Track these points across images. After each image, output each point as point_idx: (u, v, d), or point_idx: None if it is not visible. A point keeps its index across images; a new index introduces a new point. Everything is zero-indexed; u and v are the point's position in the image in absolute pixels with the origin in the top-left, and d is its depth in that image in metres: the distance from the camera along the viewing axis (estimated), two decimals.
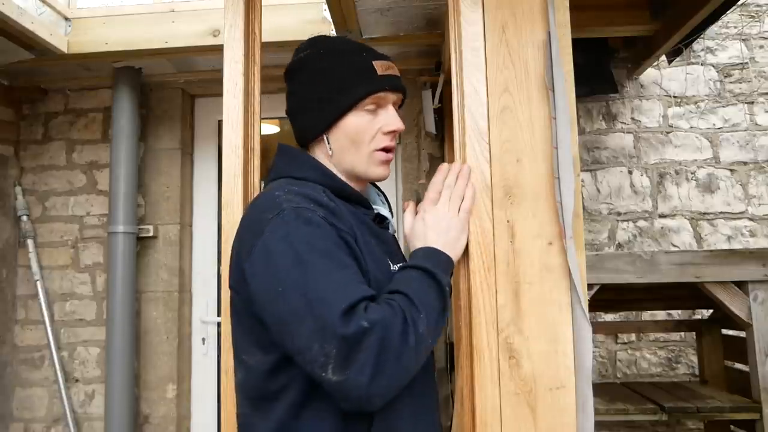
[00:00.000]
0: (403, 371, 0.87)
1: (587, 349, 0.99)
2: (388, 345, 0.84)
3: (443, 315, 0.96)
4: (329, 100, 1.05)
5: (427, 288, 0.94)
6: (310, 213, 0.93)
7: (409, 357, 0.86)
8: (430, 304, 0.93)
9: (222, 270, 1.16)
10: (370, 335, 0.83)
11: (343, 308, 0.84)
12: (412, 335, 0.87)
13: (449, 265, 1.01)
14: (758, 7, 2.92)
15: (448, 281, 0.98)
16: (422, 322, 0.89)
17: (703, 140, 2.89)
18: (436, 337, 0.94)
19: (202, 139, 3.08)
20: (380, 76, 1.05)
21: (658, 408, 2.09)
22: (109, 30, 2.62)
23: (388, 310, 0.87)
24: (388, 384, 0.85)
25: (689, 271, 2.07)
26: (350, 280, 0.89)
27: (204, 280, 2.97)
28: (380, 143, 1.06)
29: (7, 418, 2.85)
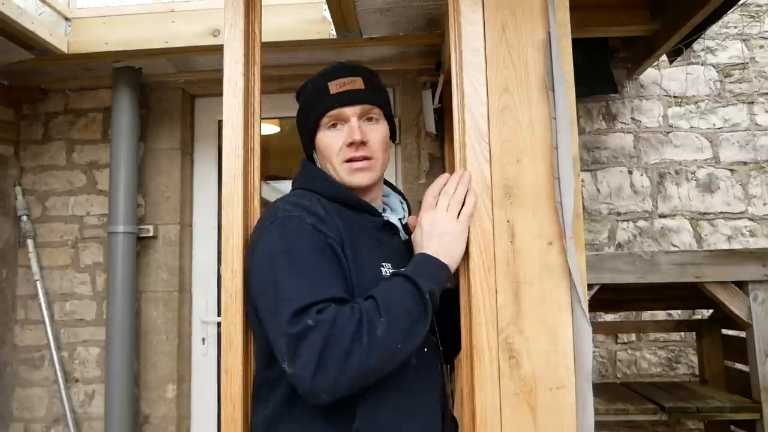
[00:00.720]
0: (352, 370, 0.91)
1: (587, 349, 0.99)
2: (333, 343, 0.91)
3: (420, 320, 0.98)
4: (303, 127, 1.21)
5: (402, 294, 0.98)
6: (298, 221, 1.04)
7: (360, 357, 0.91)
8: (401, 309, 0.97)
9: (222, 270, 1.16)
10: (313, 333, 0.91)
11: (296, 308, 0.94)
12: (365, 336, 0.92)
13: (441, 270, 1.02)
14: (758, 7, 2.92)
15: (431, 287, 1.00)
16: (382, 325, 0.93)
17: (703, 140, 2.89)
18: (408, 341, 0.98)
19: (202, 139, 3.08)
20: (333, 95, 1.15)
21: (658, 408, 2.09)
22: (109, 30, 2.62)
23: (344, 312, 0.94)
24: (334, 381, 0.91)
25: (689, 271, 2.07)
26: (316, 282, 0.98)
27: (204, 280, 2.97)
28: (345, 156, 1.15)
29: (7, 418, 2.85)
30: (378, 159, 1.16)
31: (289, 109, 3.19)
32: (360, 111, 1.16)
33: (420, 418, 1.08)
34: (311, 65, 2.81)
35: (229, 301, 1.13)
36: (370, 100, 1.17)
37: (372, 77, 1.22)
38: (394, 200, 1.29)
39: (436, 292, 1.01)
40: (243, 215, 1.17)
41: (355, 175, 1.15)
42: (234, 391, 1.11)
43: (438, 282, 1.01)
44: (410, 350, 1.00)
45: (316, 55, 2.72)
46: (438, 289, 1.01)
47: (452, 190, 1.05)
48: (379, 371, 0.96)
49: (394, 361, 0.98)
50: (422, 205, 1.09)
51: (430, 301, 0.99)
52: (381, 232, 1.17)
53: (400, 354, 0.98)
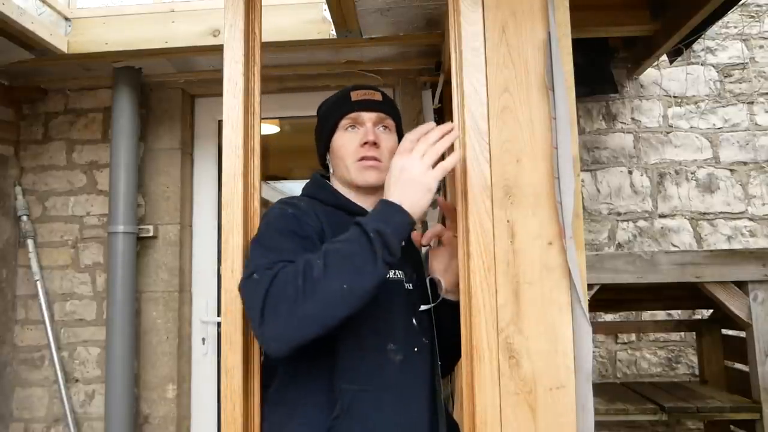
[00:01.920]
0: (294, 315, 0.95)
1: (587, 349, 0.99)
2: (273, 292, 0.96)
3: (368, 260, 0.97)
4: (322, 130, 1.31)
5: (347, 237, 1.00)
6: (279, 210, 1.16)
7: (299, 300, 0.94)
8: (342, 250, 0.98)
9: (222, 270, 1.16)
10: (257, 286, 0.98)
11: (250, 270, 1.04)
12: (301, 280, 0.95)
13: (395, 214, 1.00)
14: (758, 7, 2.92)
15: (379, 227, 0.98)
16: (317, 267, 0.95)
17: (703, 140, 2.89)
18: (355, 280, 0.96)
19: (202, 139, 3.08)
20: (353, 101, 1.26)
21: (658, 408, 2.09)
22: (109, 30, 2.62)
23: (287, 266, 0.99)
24: (281, 328, 0.96)
25: (689, 271, 2.07)
26: (271, 252, 1.05)
27: (204, 280, 2.97)
28: (359, 154, 1.23)
29: (7, 418, 2.85)
30: (386, 164, 1.20)
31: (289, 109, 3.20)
32: (376, 118, 1.26)
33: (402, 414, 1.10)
34: (311, 65, 2.81)
35: (229, 301, 1.13)
36: (386, 110, 1.28)
37: (389, 97, 1.33)
38: None
39: (387, 233, 0.98)
40: (243, 215, 1.17)
41: (365, 172, 1.22)
42: (234, 391, 1.11)
43: (392, 223, 0.99)
44: (363, 292, 0.98)
45: (316, 55, 2.72)
46: (392, 231, 0.98)
47: (434, 140, 1.04)
48: (327, 315, 0.96)
49: (341, 302, 0.96)
50: (398, 149, 1.08)
51: (378, 240, 0.97)
52: None
53: (350, 296, 0.96)
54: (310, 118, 1.36)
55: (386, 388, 1.10)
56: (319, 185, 1.29)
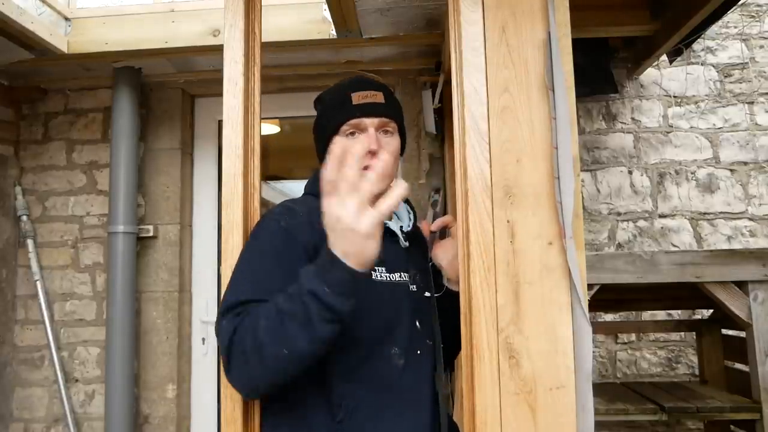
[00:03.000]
0: (245, 373, 1.00)
1: (587, 349, 0.99)
2: (234, 344, 0.99)
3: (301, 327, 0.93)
4: (321, 132, 1.26)
5: (289, 297, 0.96)
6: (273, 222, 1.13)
7: (247, 361, 0.98)
8: (284, 312, 0.95)
9: (222, 270, 1.16)
10: (224, 334, 1.01)
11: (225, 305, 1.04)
12: (249, 340, 0.97)
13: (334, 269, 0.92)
14: (758, 7, 2.92)
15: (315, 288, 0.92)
16: (261, 329, 0.96)
17: (703, 140, 2.89)
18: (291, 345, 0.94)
19: (202, 139, 3.08)
20: (354, 105, 1.21)
21: (658, 408, 2.09)
22: (109, 30, 2.62)
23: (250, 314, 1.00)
24: (239, 378, 1.02)
25: (689, 271, 2.07)
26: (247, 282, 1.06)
27: (204, 280, 2.97)
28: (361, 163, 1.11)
29: (7, 418, 2.85)
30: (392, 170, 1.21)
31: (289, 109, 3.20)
32: (378, 123, 1.22)
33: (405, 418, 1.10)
34: (311, 65, 2.81)
35: None
36: (389, 114, 1.24)
37: (391, 94, 1.29)
38: (400, 208, 1.33)
39: (324, 293, 0.91)
40: (243, 215, 1.17)
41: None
42: (234, 391, 1.11)
43: (327, 280, 0.92)
44: (303, 353, 0.96)
45: (316, 55, 2.72)
46: (331, 290, 0.92)
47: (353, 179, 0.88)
48: (268, 376, 1.00)
49: (281, 365, 0.97)
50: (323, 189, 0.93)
51: (313, 302, 0.92)
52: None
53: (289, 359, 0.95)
54: (310, 118, 1.34)
55: (389, 392, 1.10)
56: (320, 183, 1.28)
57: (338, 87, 1.28)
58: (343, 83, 1.28)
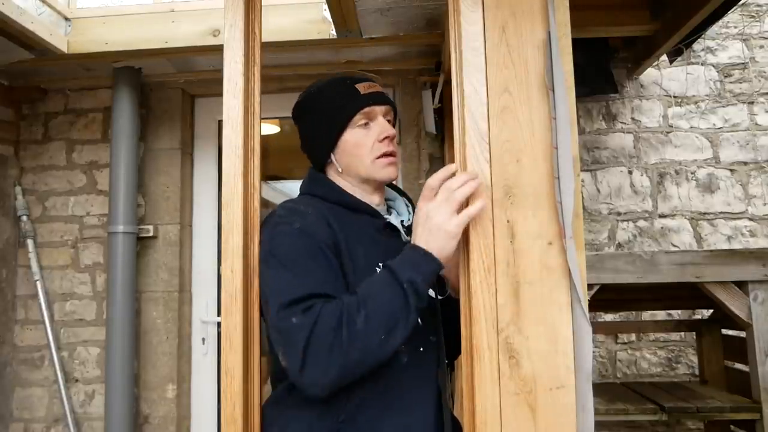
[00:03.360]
0: (336, 365, 0.97)
1: (587, 349, 0.99)
2: (314, 341, 0.97)
3: (404, 311, 1.00)
4: (328, 128, 1.23)
5: (382, 285, 1.02)
6: (285, 226, 1.12)
7: (341, 352, 0.97)
8: (380, 301, 1.00)
9: (222, 270, 1.16)
10: (298, 332, 0.98)
11: (283, 303, 1.02)
12: (344, 331, 0.97)
13: (426, 261, 1.02)
14: (758, 7, 2.92)
15: (412, 277, 1.01)
16: (360, 318, 0.98)
17: (703, 140, 2.89)
18: (392, 332, 1.00)
19: (202, 139, 3.08)
20: (363, 94, 1.21)
21: (658, 408, 2.09)
22: (109, 30, 2.62)
23: (326, 309, 0.99)
24: (320, 375, 0.98)
25: (689, 271, 2.07)
26: (301, 280, 1.05)
27: (204, 280, 2.97)
28: (379, 150, 1.20)
29: (7, 418, 2.85)
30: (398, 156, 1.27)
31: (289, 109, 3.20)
32: (385, 110, 1.24)
33: (408, 415, 1.11)
34: (311, 65, 2.81)
35: (229, 301, 1.13)
36: (391, 102, 1.26)
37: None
38: (400, 204, 1.33)
39: (418, 282, 1.01)
40: (243, 215, 1.17)
41: (388, 168, 1.21)
42: (234, 391, 1.11)
43: (422, 272, 1.02)
44: (397, 341, 1.01)
45: (316, 55, 2.72)
46: (422, 279, 1.01)
47: (456, 187, 1.01)
48: (366, 363, 1.00)
49: (380, 352, 1.00)
50: (422, 193, 1.07)
51: (411, 290, 1.00)
52: (381, 233, 1.21)
53: (386, 345, 1.00)
54: None
55: (393, 388, 1.11)
56: (319, 182, 1.26)
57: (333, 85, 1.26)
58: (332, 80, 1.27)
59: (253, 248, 1.17)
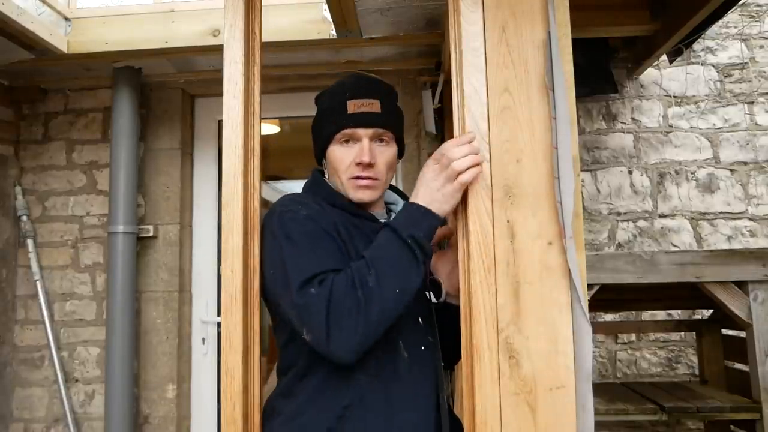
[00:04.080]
0: (359, 324, 1.01)
1: (587, 349, 0.99)
2: (334, 307, 1.01)
3: (412, 264, 1.05)
4: (318, 136, 1.28)
5: (387, 244, 1.06)
6: (292, 213, 1.15)
7: (360, 311, 1.00)
8: (387, 258, 1.05)
9: (222, 270, 1.16)
10: (317, 302, 1.02)
11: (301, 280, 1.05)
12: (359, 290, 1.01)
13: (425, 217, 1.06)
14: (758, 7, 2.92)
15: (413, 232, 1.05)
16: (372, 277, 1.02)
17: (703, 140, 2.89)
18: (404, 284, 1.05)
19: (202, 139, 3.08)
20: (349, 114, 1.21)
21: (658, 408, 2.09)
22: (109, 30, 2.62)
23: (339, 277, 1.03)
24: (347, 339, 1.01)
25: (689, 271, 2.07)
26: (315, 257, 1.08)
27: (204, 280, 2.97)
28: (352, 173, 1.21)
29: (7, 418, 2.85)
30: (382, 179, 1.23)
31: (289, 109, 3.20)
32: (372, 133, 1.22)
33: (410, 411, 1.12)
34: (311, 65, 2.81)
35: (229, 301, 1.13)
36: (384, 124, 1.23)
37: (390, 98, 1.27)
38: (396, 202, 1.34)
39: (420, 236, 1.05)
40: (243, 215, 1.17)
41: (358, 192, 1.22)
42: (234, 391, 1.11)
43: (423, 227, 1.06)
44: (412, 292, 1.05)
45: (316, 55, 2.72)
46: (424, 234, 1.06)
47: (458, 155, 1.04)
48: (386, 317, 1.03)
49: (397, 305, 1.04)
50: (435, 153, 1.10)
51: (416, 245, 1.04)
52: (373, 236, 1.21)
53: (402, 297, 1.04)
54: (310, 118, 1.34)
55: (397, 381, 1.12)
56: (320, 184, 1.28)
57: (337, 90, 1.27)
58: (343, 85, 1.27)
59: (253, 248, 1.17)
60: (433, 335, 1.21)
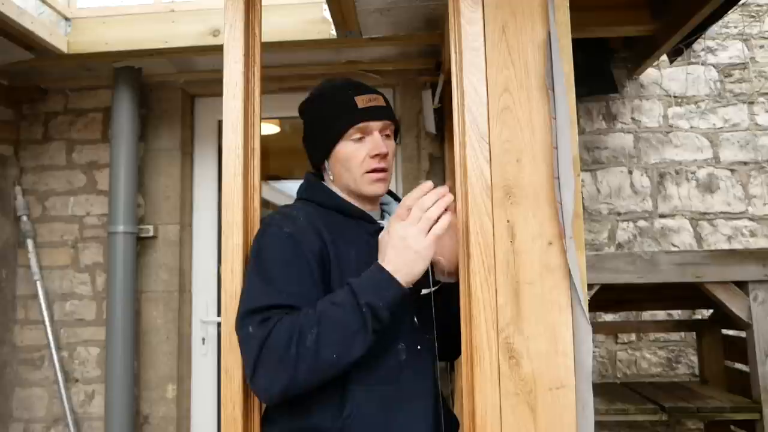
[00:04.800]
0: (282, 379, 1.00)
1: (587, 349, 0.99)
2: (265, 353, 1.00)
3: (359, 332, 1.01)
4: (323, 136, 1.24)
5: (342, 304, 1.03)
6: (276, 229, 1.13)
7: (287, 367, 0.99)
8: (336, 320, 1.02)
9: (222, 270, 1.16)
10: (251, 341, 1.02)
11: (245, 309, 1.06)
12: (293, 347, 0.99)
13: (389, 285, 1.03)
14: (758, 7, 2.92)
15: (372, 301, 1.01)
16: (311, 336, 1.00)
17: (704, 140, 2.89)
18: (344, 352, 1.01)
19: (202, 139, 3.08)
20: (361, 109, 1.21)
21: (658, 408, 2.09)
22: (109, 30, 2.62)
23: (282, 323, 1.02)
24: (267, 386, 1.02)
25: (689, 271, 2.07)
26: (271, 288, 1.07)
27: (204, 280, 2.97)
28: (369, 166, 1.21)
29: (7, 418, 2.85)
30: (391, 171, 1.26)
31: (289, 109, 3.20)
32: (382, 126, 1.23)
33: (408, 412, 1.12)
34: (311, 65, 2.81)
35: (229, 301, 1.14)
36: (390, 117, 1.25)
37: (386, 99, 1.29)
38: (393, 207, 1.34)
39: (379, 307, 1.02)
40: (243, 215, 1.17)
41: (376, 185, 1.22)
42: (234, 391, 1.11)
43: (384, 297, 1.03)
44: (350, 361, 1.03)
45: (316, 55, 2.73)
46: (384, 304, 1.02)
47: (428, 205, 1.04)
48: (314, 378, 1.02)
49: (329, 370, 1.02)
50: (395, 212, 1.09)
51: (370, 314, 1.01)
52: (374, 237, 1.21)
53: (338, 365, 1.02)
54: None
55: (394, 386, 1.12)
56: (316, 188, 1.27)
57: (334, 92, 1.26)
58: (337, 87, 1.27)
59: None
60: (430, 332, 1.22)
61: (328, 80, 1.33)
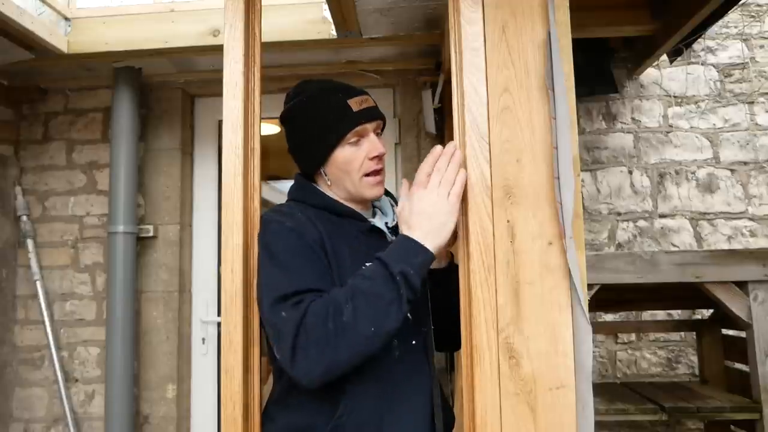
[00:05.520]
0: (323, 357, 0.98)
1: (587, 349, 0.99)
2: (302, 333, 0.99)
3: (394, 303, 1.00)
4: (318, 142, 1.22)
5: (373, 277, 1.02)
6: (278, 224, 1.14)
7: (329, 344, 0.98)
8: (369, 293, 1.00)
9: (222, 270, 1.16)
10: (287, 325, 1.00)
11: (274, 298, 1.05)
12: (330, 323, 0.98)
13: (419, 253, 1.03)
14: (759, 7, 2.92)
15: (404, 269, 1.01)
16: (347, 311, 0.99)
17: (704, 140, 2.89)
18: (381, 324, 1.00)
19: (202, 139, 3.08)
20: (356, 111, 1.20)
21: (658, 408, 2.09)
22: (109, 30, 2.62)
23: (315, 303, 1.01)
24: (309, 368, 0.99)
25: (689, 271, 2.07)
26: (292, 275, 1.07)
27: (204, 280, 2.97)
28: (368, 168, 1.21)
29: (7, 418, 2.85)
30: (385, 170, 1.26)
31: None
32: (376, 126, 1.24)
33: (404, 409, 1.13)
34: (311, 65, 2.81)
35: (229, 301, 1.13)
36: (381, 115, 1.25)
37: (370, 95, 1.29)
38: (385, 204, 1.34)
39: (410, 275, 1.01)
40: (243, 215, 1.17)
41: (375, 188, 1.23)
42: (234, 391, 1.11)
43: (414, 265, 1.02)
44: (388, 333, 1.01)
45: (316, 55, 2.72)
46: (415, 272, 1.02)
47: (444, 167, 1.04)
48: (355, 355, 1.00)
49: (369, 344, 1.00)
50: (414, 181, 1.08)
51: (403, 283, 1.00)
52: (367, 236, 1.23)
53: (376, 338, 1.00)
54: None
55: (389, 383, 1.12)
56: (306, 189, 1.27)
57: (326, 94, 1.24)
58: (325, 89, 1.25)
59: (253, 248, 1.17)
60: (426, 325, 1.22)
61: (306, 81, 1.31)
